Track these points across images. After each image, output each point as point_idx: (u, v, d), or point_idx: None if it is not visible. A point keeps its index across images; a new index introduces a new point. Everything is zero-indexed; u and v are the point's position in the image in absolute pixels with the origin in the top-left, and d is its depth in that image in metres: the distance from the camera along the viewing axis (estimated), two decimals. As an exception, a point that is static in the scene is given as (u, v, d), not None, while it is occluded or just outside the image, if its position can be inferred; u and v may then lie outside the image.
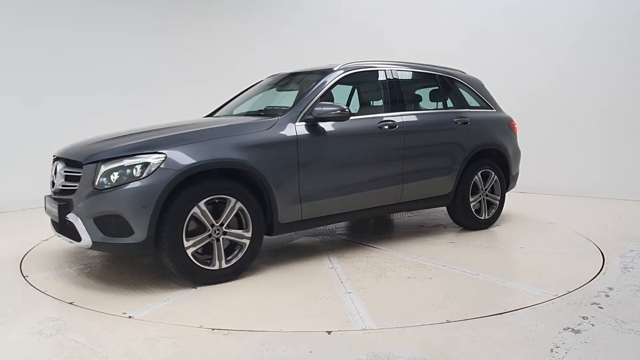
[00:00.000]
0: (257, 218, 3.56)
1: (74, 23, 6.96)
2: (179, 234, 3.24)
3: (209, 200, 3.37)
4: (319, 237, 4.85)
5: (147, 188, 3.18)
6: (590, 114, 7.09)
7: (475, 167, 4.92)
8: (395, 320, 2.82)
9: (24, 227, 5.37)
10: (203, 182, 3.36)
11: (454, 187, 4.80)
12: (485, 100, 5.29)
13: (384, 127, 4.28)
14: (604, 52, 6.95)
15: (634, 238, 4.69)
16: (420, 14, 8.07)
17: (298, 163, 3.72)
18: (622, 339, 2.58)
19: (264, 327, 2.75)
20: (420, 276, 3.60)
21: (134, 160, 3.24)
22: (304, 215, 3.82)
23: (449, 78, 5.10)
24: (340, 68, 4.30)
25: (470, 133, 4.89)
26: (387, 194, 4.35)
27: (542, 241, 4.64)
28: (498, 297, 3.18)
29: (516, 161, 5.42)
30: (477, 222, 5.02)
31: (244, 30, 8.41)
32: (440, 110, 4.96)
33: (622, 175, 6.88)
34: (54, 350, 2.49)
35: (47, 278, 3.67)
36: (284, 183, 3.66)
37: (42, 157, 6.89)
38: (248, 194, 3.51)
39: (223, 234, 3.44)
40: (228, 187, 3.44)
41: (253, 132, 3.62)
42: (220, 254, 3.43)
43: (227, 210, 3.43)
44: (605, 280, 3.51)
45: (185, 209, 3.27)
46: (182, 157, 3.29)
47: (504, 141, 5.19)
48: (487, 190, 5.06)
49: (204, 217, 3.35)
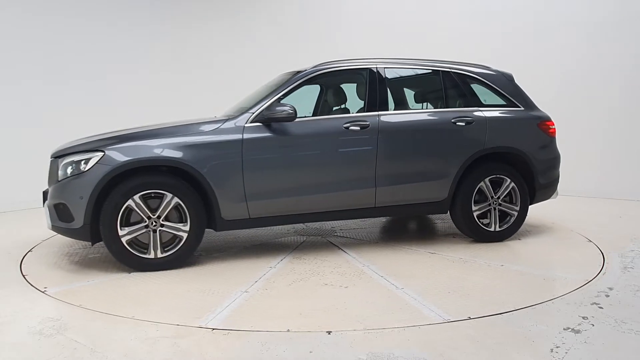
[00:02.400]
0: (195, 213, 3.76)
1: (74, 22, 6.96)
2: (113, 223, 3.61)
3: (147, 195, 3.67)
4: (309, 236, 4.84)
5: (84, 181, 3.62)
6: (590, 114, 7.09)
7: (482, 172, 4.43)
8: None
9: (23, 227, 5.37)
10: (138, 177, 3.67)
11: (450, 194, 4.37)
12: (511, 98, 4.68)
13: (352, 128, 4.11)
14: (604, 52, 6.95)
15: (634, 238, 4.70)
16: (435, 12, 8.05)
17: (242, 163, 3.83)
18: (622, 339, 2.58)
19: (264, 327, 2.75)
20: (337, 284, 3.44)
21: (80, 157, 3.69)
22: (252, 213, 3.93)
23: (458, 74, 4.61)
24: (311, 69, 4.25)
25: (474, 134, 4.42)
26: (356, 197, 4.16)
27: (542, 241, 4.64)
28: (497, 297, 3.18)
29: (548, 167, 4.69)
30: (485, 234, 4.49)
31: (247, 29, 8.40)
32: (433, 110, 4.63)
33: (622, 175, 6.88)
34: (54, 350, 2.49)
35: (47, 278, 3.67)
36: (226, 181, 3.81)
37: (42, 157, 6.91)
38: (187, 190, 3.74)
39: (160, 226, 3.70)
40: (164, 183, 3.71)
41: (196, 132, 3.84)
42: (156, 244, 3.72)
43: (163, 205, 3.70)
44: (605, 280, 3.51)
45: (120, 201, 3.62)
46: (118, 155, 3.65)
47: (526, 143, 4.56)
48: (499, 198, 4.50)
49: (139, 209, 3.67)
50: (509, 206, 4.55)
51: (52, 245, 4.63)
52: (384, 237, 4.88)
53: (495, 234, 4.52)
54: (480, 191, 4.46)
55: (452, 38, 7.71)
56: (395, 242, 4.63)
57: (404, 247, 4.43)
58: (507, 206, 4.54)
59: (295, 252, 4.26)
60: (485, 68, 4.79)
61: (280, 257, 4.13)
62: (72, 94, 6.93)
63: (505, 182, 4.50)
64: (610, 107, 6.97)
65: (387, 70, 4.43)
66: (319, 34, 8.42)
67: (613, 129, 6.95)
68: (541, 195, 4.72)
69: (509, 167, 4.53)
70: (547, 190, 4.75)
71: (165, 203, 3.70)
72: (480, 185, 4.43)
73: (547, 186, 4.72)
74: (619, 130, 6.91)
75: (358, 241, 4.65)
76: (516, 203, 4.55)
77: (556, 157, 4.81)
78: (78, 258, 4.20)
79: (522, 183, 4.54)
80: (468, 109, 4.53)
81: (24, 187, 6.37)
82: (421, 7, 8.04)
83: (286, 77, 4.37)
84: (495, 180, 4.49)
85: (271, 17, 8.51)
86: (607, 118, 6.99)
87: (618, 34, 6.88)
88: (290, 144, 3.99)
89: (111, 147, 3.68)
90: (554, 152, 4.78)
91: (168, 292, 3.33)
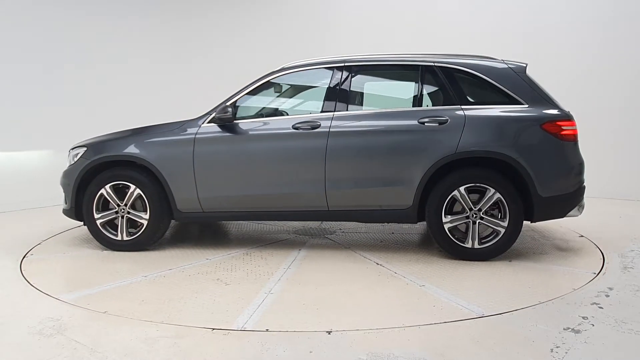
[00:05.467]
0: (154, 204, 4.21)
1: (74, 21, 6.96)
2: (90, 207, 4.28)
3: (116, 185, 4.25)
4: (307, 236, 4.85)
5: (71, 171, 4.40)
6: (589, 114, 7.07)
7: (456, 180, 3.87)
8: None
9: (24, 227, 5.37)
10: (109, 171, 4.27)
11: (415, 202, 3.95)
12: (511, 93, 3.96)
13: (302, 128, 4.06)
14: (604, 53, 6.95)
15: (634, 238, 4.70)
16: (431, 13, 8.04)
17: (193, 160, 4.13)
18: (622, 339, 2.58)
19: (264, 327, 2.75)
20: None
21: (75, 151, 4.47)
22: (204, 208, 4.23)
23: (443, 68, 4.08)
24: (275, 70, 4.31)
25: (445, 136, 3.88)
26: (307, 199, 4.09)
27: (542, 241, 4.64)
28: (497, 297, 3.18)
29: (555, 177, 3.91)
30: (459, 250, 3.93)
31: (245, 28, 8.39)
32: (398, 109, 4.16)
33: (622, 175, 6.88)
34: (54, 350, 2.49)
35: (47, 278, 3.67)
36: (179, 177, 4.18)
37: (42, 157, 6.92)
38: (148, 183, 4.21)
39: (127, 213, 4.25)
40: (128, 176, 4.24)
41: (160, 132, 4.29)
42: (122, 228, 4.28)
43: (128, 194, 4.24)
44: (605, 280, 3.51)
45: (94, 190, 4.26)
46: (96, 151, 4.31)
47: (519, 147, 3.84)
48: (480, 211, 3.87)
49: (110, 198, 4.26)
50: (493, 221, 3.89)
51: (52, 245, 4.63)
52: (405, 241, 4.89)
53: (473, 252, 3.91)
54: (454, 201, 3.94)
55: (463, 34, 7.62)
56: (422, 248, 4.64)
57: (427, 251, 4.43)
58: (490, 221, 3.89)
59: (303, 251, 4.27)
60: (485, 59, 4.17)
61: (291, 258, 4.14)
62: (73, 94, 6.92)
63: (488, 192, 3.86)
64: (610, 107, 6.96)
65: (355, 69, 4.22)
66: (322, 30, 8.39)
67: (613, 129, 6.95)
68: (548, 211, 3.95)
69: (495, 175, 3.87)
70: (557, 205, 3.94)
71: (129, 193, 4.24)
72: (454, 194, 3.89)
73: (555, 201, 3.90)
74: (619, 131, 6.91)
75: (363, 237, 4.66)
76: (504, 218, 3.89)
77: (570, 166, 3.96)
78: (78, 258, 4.20)
79: (512, 195, 3.84)
80: (446, 107, 3.99)
81: (24, 187, 6.39)
82: (430, 2, 8.00)
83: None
84: (472, 189, 3.90)
85: (275, 12, 8.50)
86: (607, 118, 6.98)
87: (614, 34, 6.88)
88: (238, 144, 4.16)
89: (92, 144, 4.39)
90: (567, 158, 3.94)
91: (179, 295, 3.33)
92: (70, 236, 4.93)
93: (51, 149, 6.79)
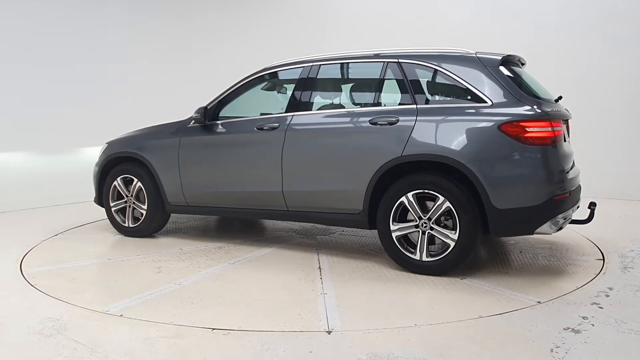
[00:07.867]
0: (151, 196, 4.67)
1: (74, 20, 6.96)
2: (107, 197, 4.90)
3: (124, 179, 4.80)
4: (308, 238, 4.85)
5: (96, 164, 5.02)
6: (589, 114, 7.07)
7: (404, 185, 3.57)
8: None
9: (23, 227, 5.37)
10: (120, 165, 4.83)
11: (364, 207, 3.72)
12: (475, 91, 3.51)
13: (264, 129, 4.11)
14: (603, 53, 6.95)
15: (634, 238, 4.70)
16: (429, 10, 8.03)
17: (178, 158, 4.52)
18: (622, 339, 2.58)
19: (264, 327, 2.75)
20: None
21: (102, 147, 5.07)
22: (188, 201, 4.57)
23: (407, 64, 3.77)
24: (256, 71, 4.41)
25: (392, 138, 3.60)
26: (267, 199, 4.14)
27: (542, 241, 4.64)
28: (497, 297, 3.18)
29: (512, 185, 3.36)
30: (408, 262, 3.62)
31: (249, 28, 8.39)
32: (354, 109, 3.97)
33: (622, 176, 6.87)
34: (54, 350, 2.49)
35: (47, 278, 3.66)
36: (167, 172, 4.58)
37: (42, 157, 6.91)
38: (147, 177, 4.67)
39: (132, 203, 4.78)
40: (133, 171, 4.76)
41: (157, 132, 4.77)
42: (128, 216, 4.81)
43: (132, 187, 4.76)
44: (605, 280, 3.51)
45: (110, 181, 4.87)
46: (112, 148, 4.94)
47: (470, 152, 3.38)
48: (430, 220, 3.51)
49: (120, 189, 4.83)
50: (442, 232, 3.51)
51: (52, 245, 4.63)
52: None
53: (420, 264, 3.57)
54: (402, 208, 3.64)
55: (463, 34, 7.59)
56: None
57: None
58: (440, 231, 3.51)
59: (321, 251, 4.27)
60: (455, 53, 3.76)
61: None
62: (72, 93, 6.91)
63: (437, 200, 3.48)
64: (610, 107, 6.96)
65: (322, 69, 4.10)
66: (322, 28, 8.40)
67: (613, 129, 6.94)
68: (508, 225, 3.43)
69: (444, 181, 3.45)
70: (519, 219, 3.37)
71: (133, 186, 4.76)
72: (402, 201, 3.59)
73: (515, 214, 3.34)
74: (619, 131, 6.90)
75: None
76: (453, 229, 3.48)
77: (534, 174, 3.34)
78: (78, 258, 4.19)
79: (464, 204, 3.40)
80: (400, 107, 3.72)
81: (24, 187, 6.39)
82: (430, 2, 7.99)
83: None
84: (420, 196, 3.56)
85: (275, 12, 8.50)
86: (607, 118, 6.98)
87: (614, 34, 6.88)
88: (210, 144, 4.45)
89: (111, 141, 5.02)
90: (531, 165, 3.35)
91: (179, 293, 3.33)
92: (71, 236, 4.94)
93: (51, 149, 6.79)
